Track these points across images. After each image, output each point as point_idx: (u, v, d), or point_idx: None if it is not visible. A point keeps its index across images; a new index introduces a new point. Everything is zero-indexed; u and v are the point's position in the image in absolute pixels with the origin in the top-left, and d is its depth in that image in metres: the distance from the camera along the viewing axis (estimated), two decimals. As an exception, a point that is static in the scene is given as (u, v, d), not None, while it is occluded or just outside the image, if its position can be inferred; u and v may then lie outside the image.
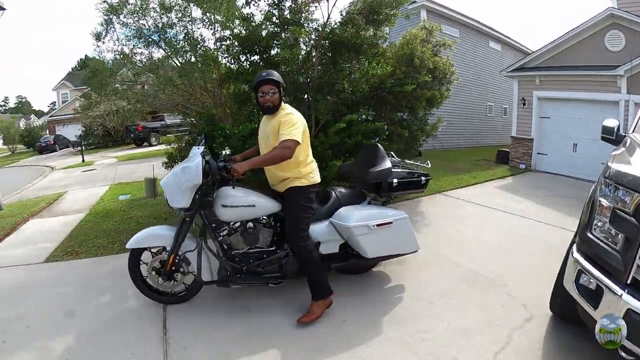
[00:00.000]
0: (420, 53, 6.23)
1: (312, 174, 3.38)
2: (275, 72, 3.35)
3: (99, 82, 5.96)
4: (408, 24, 7.49)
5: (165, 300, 3.60)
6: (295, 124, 3.13)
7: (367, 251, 3.52)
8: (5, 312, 3.74)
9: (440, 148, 12.94)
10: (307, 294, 3.34)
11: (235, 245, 3.39)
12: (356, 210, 3.57)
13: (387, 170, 3.53)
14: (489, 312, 3.25)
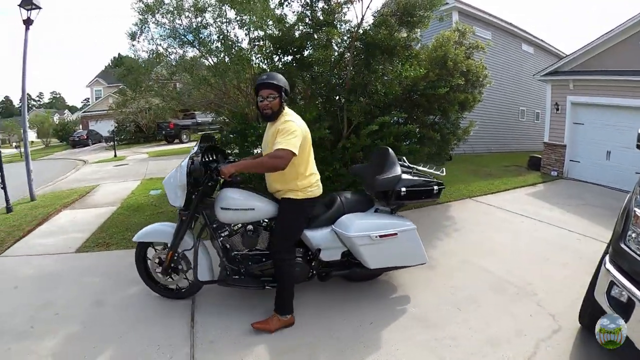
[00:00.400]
0: (454, 55, 6.13)
1: (310, 188, 3.23)
2: (280, 75, 3.21)
3: (134, 79, 6.13)
4: (440, 26, 7.39)
5: (167, 294, 3.70)
6: (294, 132, 2.93)
7: (369, 262, 3.40)
8: (35, 299, 3.89)
9: (471, 152, 12.72)
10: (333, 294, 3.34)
11: (235, 246, 3.39)
12: (359, 218, 3.39)
13: (394, 178, 3.36)
14: (517, 321, 3.20)
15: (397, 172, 3.40)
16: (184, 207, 3.27)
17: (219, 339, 3.11)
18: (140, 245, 3.62)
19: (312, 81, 5.98)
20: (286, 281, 3.18)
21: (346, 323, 3.23)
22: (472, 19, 13.07)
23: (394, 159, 3.61)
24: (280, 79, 3.11)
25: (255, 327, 3.13)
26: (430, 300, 3.53)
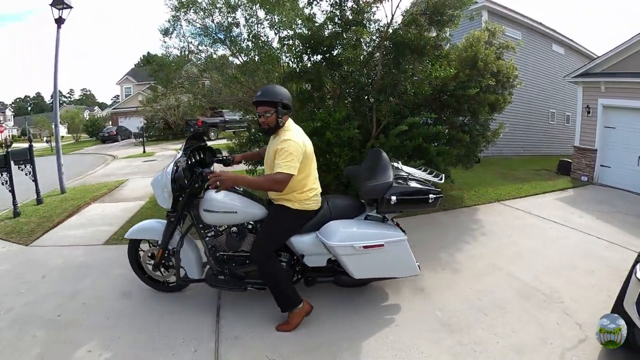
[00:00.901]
0: (484, 56, 6.03)
1: (307, 202, 3.20)
2: (277, 89, 3.18)
3: (165, 75, 6.24)
4: (469, 26, 7.28)
5: (156, 287, 3.82)
6: (292, 153, 2.92)
7: (352, 272, 3.27)
8: (63, 288, 4.01)
9: (499, 155, 12.49)
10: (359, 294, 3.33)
11: (220, 247, 3.41)
12: (344, 226, 3.23)
13: (383, 185, 3.18)
14: (544, 329, 3.12)
15: (387, 178, 3.23)
16: (172, 208, 3.36)
17: (243, 334, 3.14)
18: (132, 241, 3.76)
19: (341, 80, 5.97)
20: (273, 280, 3.16)
21: (371, 324, 3.22)
22: (501, 18, 12.83)
23: (386, 163, 3.45)
24: (276, 94, 3.08)
25: (279, 329, 3.16)
26: (456, 304, 3.48)
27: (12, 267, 4.77)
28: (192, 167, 3.34)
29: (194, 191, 3.33)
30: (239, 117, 20.91)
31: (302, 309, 3.19)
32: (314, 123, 5.37)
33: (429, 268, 4.15)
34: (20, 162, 7.23)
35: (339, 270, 3.38)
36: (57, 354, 3.01)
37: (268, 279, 3.16)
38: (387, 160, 3.50)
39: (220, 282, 3.43)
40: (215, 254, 3.42)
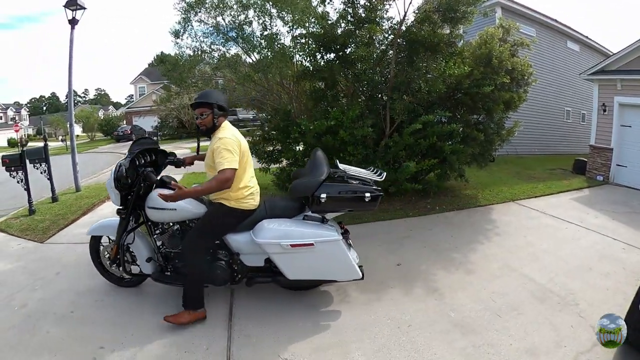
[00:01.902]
0: (499, 53, 5.95)
1: (243, 200, 3.23)
2: (213, 92, 3.30)
3: (179, 75, 6.29)
4: (483, 23, 7.20)
5: (118, 283, 3.94)
6: (229, 149, 3.01)
7: (285, 271, 3.24)
8: (77, 285, 4.06)
9: (514, 154, 12.35)
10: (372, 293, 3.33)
11: (166, 244, 3.51)
12: (276, 224, 3.20)
13: (312, 183, 3.14)
14: (558, 332, 3.06)
15: (318, 176, 3.19)
16: (122, 205, 3.50)
17: (256, 333, 3.14)
18: (92, 238, 3.89)
19: (355, 79, 5.96)
20: (191, 278, 3.24)
21: (383, 323, 3.19)
22: (515, 14, 12.67)
23: (320, 162, 3.40)
24: (212, 96, 3.20)
25: (166, 319, 3.22)
26: (470, 305, 3.43)
27: (26, 264, 4.83)
28: (143, 167, 3.47)
29: (143, 190, 3.46)
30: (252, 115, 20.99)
31: (197, 314, 3.26)
32: (328, 122, 5.37)
33: (442, 268, 4.12)
34: (35, 160, 7.32)
35: (275, 270, 3.34)
36: (70, 350, 3.04)
37: (189, 276, 3.24)
38: (321, 158, 3.45)
39: (165, 278, 3.53)
40: (161, 250, 3.55)
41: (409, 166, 5.47)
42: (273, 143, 6.38)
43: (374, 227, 5.42)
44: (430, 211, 5.94)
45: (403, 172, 5.52)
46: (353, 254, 3.36)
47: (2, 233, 6.25)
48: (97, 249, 3.93)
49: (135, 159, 3.47)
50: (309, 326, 3.19)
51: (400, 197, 6.27)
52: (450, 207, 6.11)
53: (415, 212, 5.90)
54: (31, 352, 3.03)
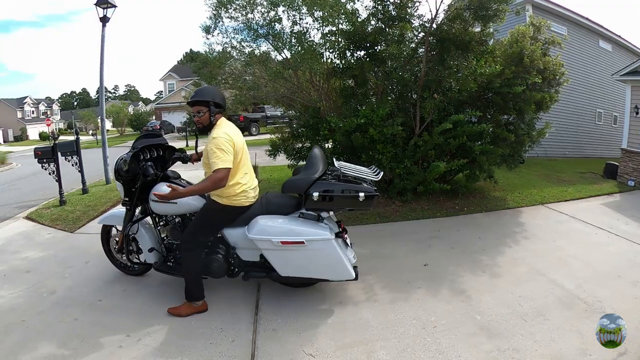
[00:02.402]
0: (530, 52, 5.81)
1: (235, 197, 3.25)
2: (209, 89, 3.33)
3: (209, 72, 6.37)
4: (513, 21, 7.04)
5: (125, 271, 4.15)
6: (222, 149, 3.04)
7: (277, 268, 3.26)
8: (105, 274, 4.19)
9: (544, 156, 12.06)
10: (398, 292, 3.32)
11: (169, 236, 3.73)
12: (269, 221, 3.22)
13: (305, 181, 3.15)
14: (584, 339, 2.97)
15: (312, 174, 3.20)
16: (127, 197, 3.68)
17: (281, 327, 3.16)
18: (104, 227, 4.14)
19: (385, 77, 5.93)
20: (187, 272, 3.32)
21: (409, 323, 3.17)
22: (546, 12, 12.36)
23: (317, 159, 3.38)
24: (208, 94, 3.23)
25: (169, 311, 3.36)
26: (496, 309, 3.37)
27: (56, 253, 4.98)
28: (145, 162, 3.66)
29: (147, 183, 3.60)
30: (280, 112, 21.12)
31: (198, 306, 3.36)
32: (358, 119, 5.36)
33: (469, 270, 4.07)
34: (67, 153, 7.53)
35: (269, 266, 3.34)
36: (96, 337, 3.12)
37: (185, 268, 3.33)
38: (318, 157, 3.42)
39: (167, 268, 3.66)
40: (164, 241, 3.73)
41: (439, 166, 5.42)
42: (302, 140, 6.41)
43: (402, 227, 5.39)
44: (458, 212, 5.87)
45: (432, 172, 5.48)
46: (350, 254, 3.35)
47: (33, 222, 6.47)
48: (108, 237, 4.16)
49: (138, 154, 3.63)
50: (335, 323, 3.19)
51: (428, 197, 6.22)
52: (479, 208, 6.03)
53: (443, 212, 5.85)
54: (59, 338, 3.13)
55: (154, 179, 3.62)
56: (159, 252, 3.71)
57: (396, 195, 6.06)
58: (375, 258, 4.42)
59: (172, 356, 2.86)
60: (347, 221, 5.55)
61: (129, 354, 2.89)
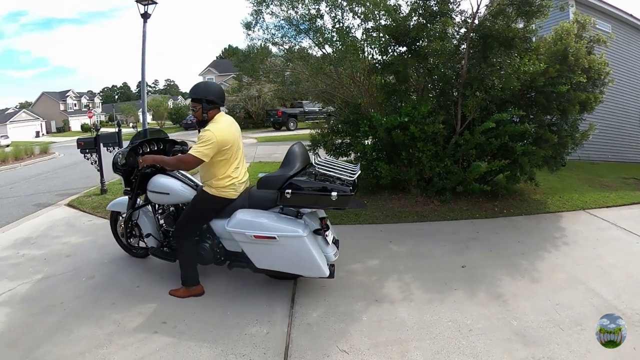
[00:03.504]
0: (575, 50, 5.59)
1: (223, 189, 3.42)
2: (201, 86, 3.49)
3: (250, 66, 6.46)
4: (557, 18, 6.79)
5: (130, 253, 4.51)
6: (206, 141, 3.21)
7: (252, 260, 3.39)
8: (143, 262, 4.37)
9: (586, 159, 11.61)
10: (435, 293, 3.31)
11: (164, 223, 4.02)
12: (245, 214, 3.36)
13: (277, 178, 3.23)
14: (619, 352, 2.80)
15: (287, 172, 3.28)
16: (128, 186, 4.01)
17: (316, 322, 3.18)
18: (112, 212, 4.50)
19: (427, 73, 5.89)
20: (182, 257, 3.56)
21: (444, 325, 3.12)
22: (590, 9, 11.80)
23: (295, 156, 3.46)
24: (201, 92, 3.41)
25: (170, 293, 3.61)
26: (533, 315, 3.27)
27: (96, 239, 5.16)
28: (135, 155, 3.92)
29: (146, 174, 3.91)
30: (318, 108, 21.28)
31: (194, 289, 3.57)
32: (401, 117, 5.35)
33: (507, 274, 3.97)
34: (109, 144, 7.75)
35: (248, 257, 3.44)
36: (133, 322, 3.21)
37: (179, 255, 3.58)
38: (296, 154, 3.50)
39: (160, 253, 3.94)
40: (161, 228, 4.05)
41: (480, 166, 5.32)
42: (342, 136, 6.42)
43: (440, 226, 5.33)
44: (497, 214, 5.74)
45: (472, 172, 5.39)
46: (330, 251, 3.39)
47: (75, 209, 6.73)
48: (116, 221, 4.53)
49: (137, 147, 3.96)
50: (371, 321, 3.18)
51: (467, 197, 6.11)
52: (518, 211, 5.87)
53: (482, 214, 5.73)
54: (95, 321, 3.24)
55: (153, 171, 3.94)
56: (155, 238, 4.00)
57: (435, 194, 5.99)
58: (412, 257, 4.39)
59: (206, 344, 2.91)
60: (384, 219, 5.59)
61: (163, 340, 2.96)
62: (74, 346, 2.94)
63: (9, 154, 17.73)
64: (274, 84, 7.01)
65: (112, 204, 4.50)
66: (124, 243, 4.51)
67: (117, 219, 4.52)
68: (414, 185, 6.13)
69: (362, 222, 5.53)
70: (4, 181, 11.73)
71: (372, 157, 6.09)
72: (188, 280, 3.55)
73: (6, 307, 3.55)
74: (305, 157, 3.64)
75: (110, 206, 4.51)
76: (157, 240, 4.01)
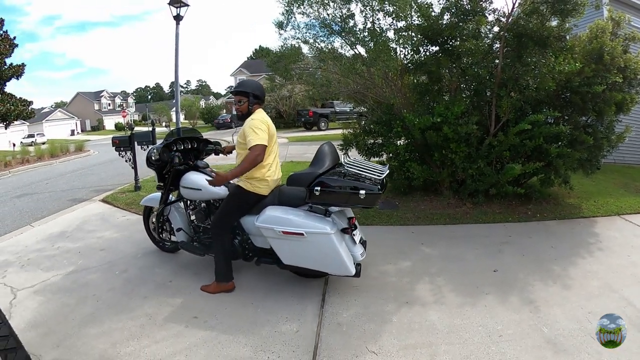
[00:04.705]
0: (610, 48, 5.39)
1: (257, 183, 3.48)
2: (249, 81, 3.65)
3: (283, 66, 6.51)
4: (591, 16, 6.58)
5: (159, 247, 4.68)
6: (258, 127, 3.34)
7: (280, 256, 3.44)
8: (177, 257, 4.49)
9: (621, 162, 11.19)
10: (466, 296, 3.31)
11: (196, 219, 4.14)
12: (276, 211, 3.40)
13: (307, 176, 3.29)
14: None
15: (317, 169, 3.33)
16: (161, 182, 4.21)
17: (346, 322, 3.19)
18: (145, 207, 4.69)
19: (460, 73, 5.83)
20: (217, 253, 3.62)
21: (474, 330, 3.08)
22: (624, 5, 11.24)
23: (324, 155, 3.51)
24: (249, 86, 3.58)
25: (201, 289, 3.71)
26: (564, 323, 3.19)
27: (130, 234, 5.31)
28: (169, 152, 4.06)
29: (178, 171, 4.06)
30: (349, 108, 21.27)
31: (226, 285, 3.65)
32: (434, 118, 5.34)
33: (539, 280, 3.89)
34: (143, 143, 7.95)
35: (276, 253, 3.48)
36: (164, 315, 3.31)
37: (215, 250, 3.65)
38: (325, 152, 3.55)
39: (190, 247, 4.05)
40: (192, 223, 4.16)
41: (514, 168, 5.21)
42: (374, 136, 6.42)
43: (472, 229, 5.27)
44: (530, 218, 5.62)
45: (506, 174, 5.30)
46: (358, 250, 3.44)
47: (109, 205, 6.95)
48: (149, 216, 4.71)
49: (171, 144, 4.10)
50: (401, 323, 3.18)
51: (500, 200, 5.99)
52: (552, 215, 5.73)
53: (515, 217, 5.63)
54: (127, 314, 3.35)
55: (186, 168, 4.10)
56: (186, 233, 4.15)
57: (467, 196, 5.91)
58: (444, 260, 4.36)
59: (237, 340, 2.97)
60: (416, 220, 5.57)
61: (194, 334, 3.04)
62: (106, 337, 3.04)
63: (45, 151, 18.42)
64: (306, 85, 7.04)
65: (146, 199, 4.67)
66: (155, 237, 4.67)
67: (149, 213, 4.69)
68: (446, 187, 6.07)
69: (394, 223, 5.50)
70: (41, 177, 12.21)
71: (405, 158, 6.04)
72: (221, 275, 3.63)
73: (40, 296, 3.71)
74: (335, 157, 3.67)
75: (144, 201, 4.67)
76: (188, 235, 4.14)
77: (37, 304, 3.57)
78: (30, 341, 2.97)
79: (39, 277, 4.11)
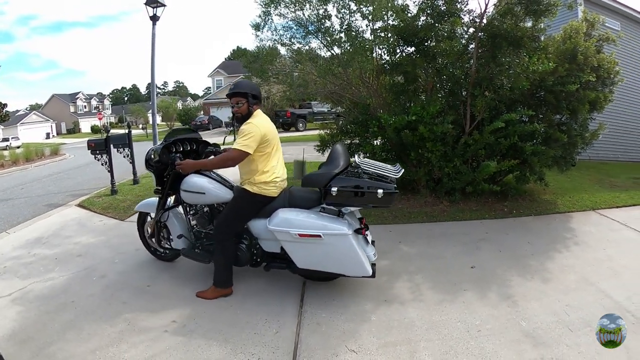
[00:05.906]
0: (584, 48, 5.55)
1: (265, 186, 3.40)
2: (246, 81, 3.62)
3: (259, 67, 6.49)
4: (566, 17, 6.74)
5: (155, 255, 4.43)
6: (249, 134, 3.23)
7: (295, 260, 3.35)
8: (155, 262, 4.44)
9: (596, 159, 11.50)
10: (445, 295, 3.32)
11: (197, 224, 3.93)
12: (288, 213, 3.32)
13: (323, 176, 3.22)
14: (629, 354, 2.81)
15: (332, 169, 3.26)
16: (159, 186, 3.97)
17: (325, 322, 3.20)
18: (140, 213, 4.44)
19: (435, 73, 5.89)
20: (219, 258, 3.52)
21: (453, 326, 3.12)
22: (599, 7, 11.66)
23: (338, 155, 3.43)
24: (246, 87, 3.47)
25: (197, 295, 3.59)
26: (542, 316, 3.26)
27: (107, 239, 5.22)
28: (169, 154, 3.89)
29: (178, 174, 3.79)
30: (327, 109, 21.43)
31: (224, 291, 3.57)
32: (409, 117, 5.38)
33: (517, 275, 3.96)
34: (119, 145, 7.85)
35: (288, 258, 3.40)
36: (144, 321, 3.26)
37: (216, 256, 3.55)
38: (339, 152, 3.47)
39: (192, 254, 3.87)
40: (193, 229, 3.96)
41: (489, 165, 5.30)
42: (351, 136, 6.46)
43: (450, 227, 5.33)
44: (507, 214, 5.72)
45: (482, 172, 5.37)
46: (370, 251, 3.37)
47: (85, 210, 6.81)
48: (143, 223, 4.44)
49: (170, 145, 3.92)
50: (380, 321, 3.20)
51: (476, 197, 6.09)
52: (528, 211, 5.84)
53: (492, 214, 5.72)
54: (106, 319, 3.30)
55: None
56: (187, 239, 3.97)
57: (444, 195, 5.98)
58: (422, 258, 4.39)
59: (216, 343, 2.95)
60: (394, 219, 5.59)
61: (174, 339, 3.01)
62: (85, 344, 2.99)
63: (19, 155, 17.97)
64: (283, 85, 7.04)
65: (141, 204, 4.43)
66: (151, 245, 4.44)
67: (144, 220, 4.44)
68: (423, 185, 6.12)
69: (372, 222, 5.47)
70: (16, 182, 11.90)
71: (381, 158, 6.06)
72: (222, 281, 3.54)
73: (18, 305, 3.62)
74: (348, 156, 3.59)
75: (139, 207, 4.43)
76: (189, 242, 3.97)
77: (14, 312, 3.49)
78: (8, 350, 2.90)
79: (15, 285, 4.01)
